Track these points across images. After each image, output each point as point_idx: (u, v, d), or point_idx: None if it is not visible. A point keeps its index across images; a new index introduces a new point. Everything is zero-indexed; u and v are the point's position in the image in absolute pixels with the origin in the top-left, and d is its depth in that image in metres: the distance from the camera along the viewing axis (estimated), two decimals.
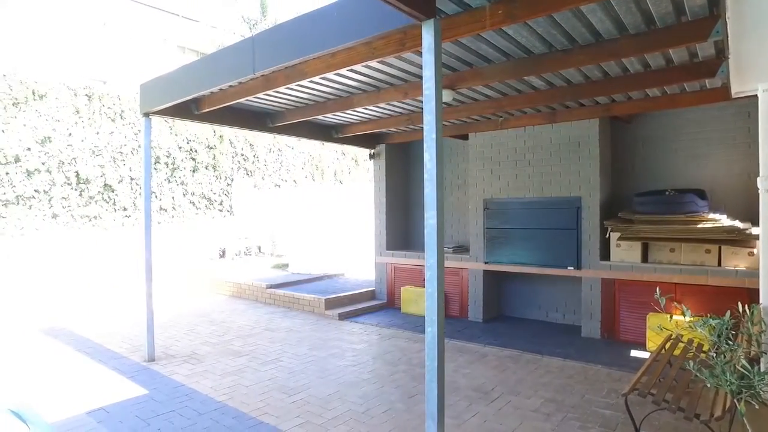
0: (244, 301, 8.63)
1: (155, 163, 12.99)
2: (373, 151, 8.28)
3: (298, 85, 4.62)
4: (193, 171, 14.01)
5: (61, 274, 10.43)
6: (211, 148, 14.41)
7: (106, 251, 11.98)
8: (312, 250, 9.78)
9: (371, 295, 8.19)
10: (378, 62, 3.95)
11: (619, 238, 5.65)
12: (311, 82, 4.53)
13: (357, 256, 10.49)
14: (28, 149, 11.09)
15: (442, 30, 2.58)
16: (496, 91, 5.09)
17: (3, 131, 10.79)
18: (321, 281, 9.15)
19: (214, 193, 14.48)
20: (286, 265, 10.63)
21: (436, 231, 2.51)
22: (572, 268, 6.02)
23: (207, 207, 14.32)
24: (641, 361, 4.91)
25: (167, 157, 13.25)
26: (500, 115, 6.24)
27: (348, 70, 4.13)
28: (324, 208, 12.35)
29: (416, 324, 6.80)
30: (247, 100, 5.09)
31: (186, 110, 5.18)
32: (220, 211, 14.59)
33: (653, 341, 5.22)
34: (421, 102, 5.45)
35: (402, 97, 4.89)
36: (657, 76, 4.30)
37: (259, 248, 13.01)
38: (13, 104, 11.02)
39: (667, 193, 5.55)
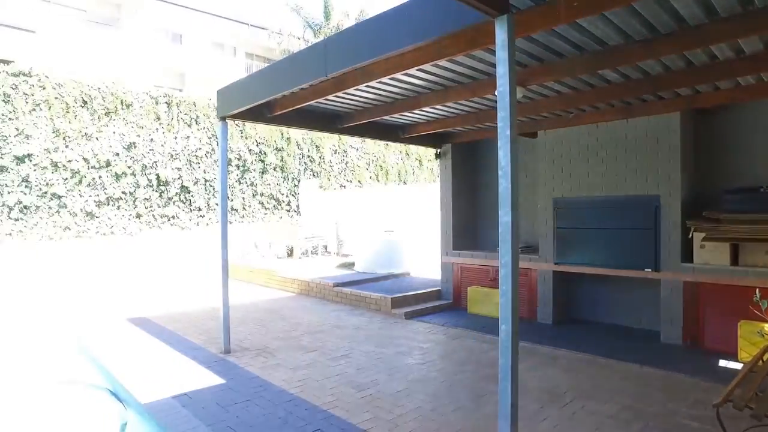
0: (312, 299, 8.86)
1: (229, 165, 13.62)
2: (439, 150, 8.26)
3: (367, 86, 4.69)
4: (262, 173, 14.57)
5: (144, 268, 11.18)
6: (279, 150, 14.92)
7: (182, 248, 12.71)
8: (377, 250, 9.89)
9: (437, 294, 8.17)
10: (447, 61, 3.94)
11: (704, 239, 5.30)
12: (380, 82, 4.59)
13: (422, 256, 10.50)
14: (117, 154, 11.97)
15: (515, 25, 2.54)
16: (567, 86, 4.94)
17: (97, 138, 11.71)
18: (387, 280, 9.23)
19: (282, 194, 14.99)
20: (352, 264, 10.81)
21: (510, 229, 2.48)
22: (650, 270, 5.71)
23: (275, 207, 14.84)
24: (732, 371, 4.58)
25: (238, 159, 13.86)
26: (571, 112, 6.04)
27: (417, 70, 4.15)
28: (388, 208, 12.46)
29: (483, 324, 6.71)
30: (317, 102, 5.23)
31: (259, 113, 5.40)
32: (288, 211, 15.07)
33: (746, 351, 4.84)
34: (489, 100, 5.40)
35: (470, 95, 4.85)
36: (752, 63, 3.97)
37: (325, 247, 13.31)
38: (105, 114, 11.95)
39: (762, 189, 5.14)
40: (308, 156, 15.63)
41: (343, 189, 16.13)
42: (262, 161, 14.56)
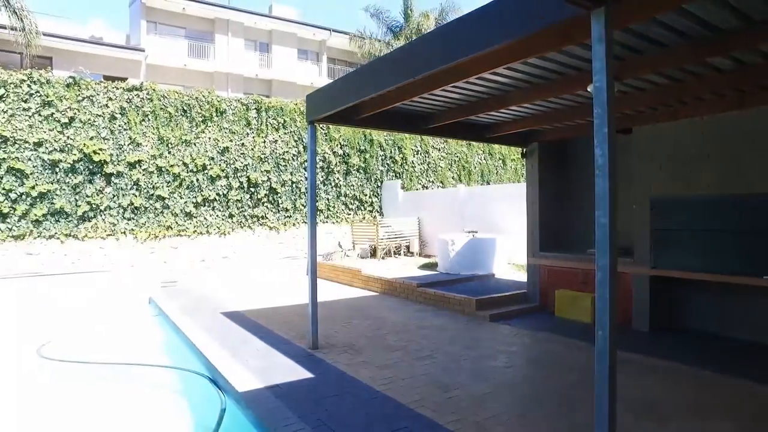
0: (395, 299, 8.96)
1: None
2: (525, 149, 8.04)
3: (453, 86, 4.68)
4: (346, 174, 14.95)
5: (235, 265, 11.87)
6: (363, 152, 15.23)
7: (270, 247, 13.36)
8: (460, 251, 9.80)
9: (523, 297, 7.95)
10: (536, 57, 3.83)
11: None
12: (466, 82, 4.55)
13: (506, 258, 10.27)
14: (212, 159, 12.82)
15: (612, 17, 2.42)
16: (667, 77, 4.61)
17: (195, 144, 12.63)
18: (471, 282, 9.13)
19: (365, 195, 15.29)
20: (435, 265, 10.80)
21: (608, 231, 2.37)
22: None
23: (358, 208, 15.17)
24: None
25: (323, 161, 14.33)
26: (671, 105, 5.62)
27: (505, 68, 4.07)
28: (471, 208, 12.30)
29: (572, 329, 6.44)
30: (403, 104, 5.28)
31: (346, 116, 5.54)
32: (371, 212, 15.35)
33: None
34: (580, 96, 5.17)
35: (559, 92, 4.69)
36: None
37: (407, 248, 13.40)
38: (202, 121, 12.85)
39: None
40: (391, 157, 15.83)
41: (426, 189, 16.15)
42: (346, 163, 14.96)
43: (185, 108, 12.70)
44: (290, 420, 3.75)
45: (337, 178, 14.79)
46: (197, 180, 12.66)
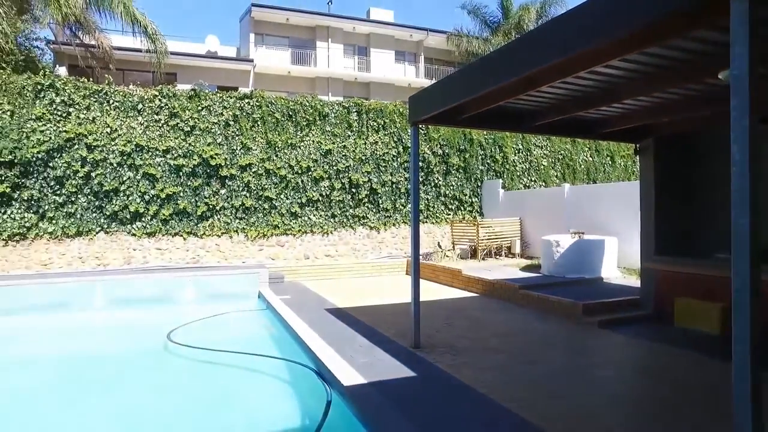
0: (496, 300, 8.77)
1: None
2: (638, 145, 7.48)
3: (562, 82, 4.47)
4: (446, 174, 14.90)
5: (337, 263, 12.29)
6: (462, 151, 15.09)
7: (371, 246, 13.67)
8: (565, 253, 9.36)
9: (635, 303, 7.40)
10: (656, 46, 3.55)
11: None
12: (575, 77, 4.33)
13: (617, 261, 9.63)
14: (315, 161, 13.40)
15: None
16: None
17: (299, 147, 13.29)
18: (577, 285, 8.68)
19: (465, 195, 15.13)
20: (538, 267, 10.41)
21: (748, 233, 2.14)
22: None
23: (458, 208, 15.04)
24: None
25: (422, 161, 14.39)
26: None
27: (620, 60, 3.82)
28: (577, 208, 11.71)
29: (695, 341, 5.88)
30: (507, 102, 5.15)
31: (449, 117, 5.52)
32: (470, 212, 15.15)
33: None
34: (708, 85, 4.71)
35: (681, 82, 4.31)
36: None
37: (509, 249, 13.06)
38: (306, 125, 13.48)
39: None
40: (491, 156, 15.52)
41: (527, 189, 15.63)
42: (446, 163, 14.91)
43: (290, 113, 13.40)
44: (394, 417, 3.81)
45: (437, 178, 14.79)
46: (302, 181, 13.31)
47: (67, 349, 7.55)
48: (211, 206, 12.57)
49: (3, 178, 11.03)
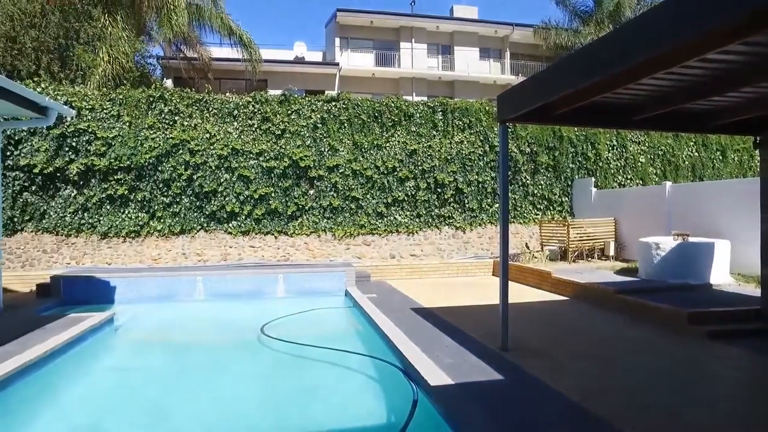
0: (588, 305, 8.33)
1: (498, 167, 13.93)
2: (759, 138, 6.75)
3: (666, 73, 4.14)
4: (534, 173, 14.42)
5: (424, 263, 12.28)
6: (551, 149, 14.52)
7: (457, 246, 13.55)
8: (667, 256, 8.69)
9: (754, 314, 6.67)
10: None
11: None
12: (683, 66, 3.99)
13: (729, 266, 8.78)
14: (401, 161, 13.51)
15: None
16: None
17: (385, 148, 13.47)
18: (680, 291, 8.00)
19: (554, 194, 14.55)
20: (635, 270, 9.76)
21: None
22: None
23: (547, 208, 14.50)
24: None
25: (510, 160, 14.00)
26: None
27: (739, 43, 3.44)
28: (680, 208, 10.86)
29: None
30: (604, 96, 4.87)
31: (540, 114, 5.31)
32: (560, 211, 14.54)
33: None
34: None
35: None
36: None
37: (602, 251, 12.36)
38: (391, 125, 13.64)
39: None
40: (582, 154, 14.78)
41: (622, 188, 14.71)
42: (534, 161, 14.42)
43: (376, 114, 13.61)
44: (480, 419, 3.74)
45: (525, 177, 14.34)
46: (387, 182, 13.47)
47: (174, 337, 8.22)
48: (300, 206, 13.09)
49: (122, 181, 12.24)
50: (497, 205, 14.08)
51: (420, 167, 13.64)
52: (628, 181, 15.04)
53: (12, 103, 6.44)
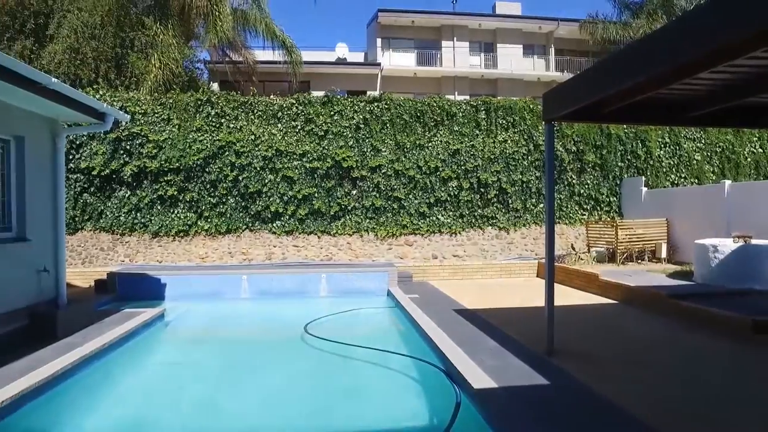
0: (638, 309, 8.01)
1: (543, 166, 13.60)
2: None
3: (730, 65, 3.90)
4: (580, 172, 14.01)
5: (467, 264, 12.14)
6: (599, 147, 14.07)
7: (500, 247, 13.33)
8: (726, 260, 8.25)
9: None
10: None
11: None
12: (749, 57, 3.75)
13: None
14: (443, 161, 13.41)
15: None
16: None
17: (427, 148, 13.41)
18: (743, 297, 7.53)
19: (601, 194, 14.09)
20: (689, 274, 9.32)
21: None
22: None
23: (593, 208, 14.06)
24: None
25: (555, 159, 13.63)
26: None
27: None
28: (741, 208, 10.30)
29: None
30: (658, 92, 4.66)
31: (588, 113, 5.14)
32: (608, 212, 14.08)
33: None
34: None
35: None
36: None
37: (653, 253, 11.88)
38: (434, 125, 13.57)
39: None
40: (632, 152, 14.25)
41: (675, 187, 14.09)
42: (580, 160, 14.00)
43: (418, 114, 13.56)
44: (525, 425, 3.66)
45: (570, 177, 13.95)
46: (430, 182, 13.40)
47: (220, 333, 8.45)
48: (343, 206, 13.19)
49: (171, 182, 12.69)
50: (542, 205, 13.77)
51: (463, 167, 13.49)
52: (682, 180, 14.39)
53: (75, 110, 6.86)
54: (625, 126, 13.94)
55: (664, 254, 11.73)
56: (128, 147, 12.68)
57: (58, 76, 14.03)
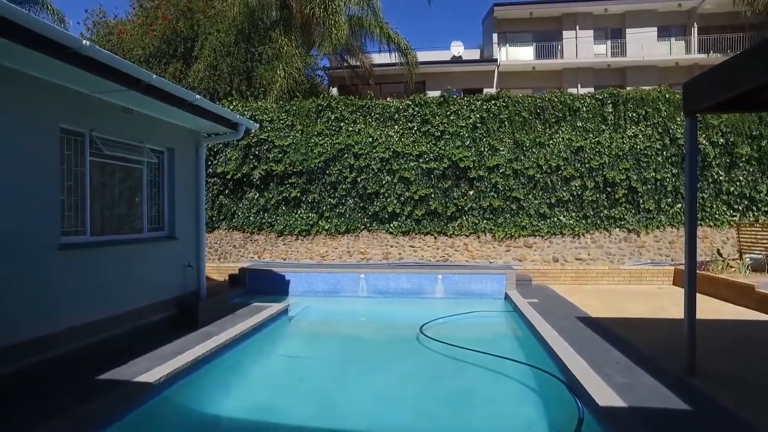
0: None
1: (681, 162, 12.27)
2: None
3: None
4: (729, 167, 12.38)
5: (591, 268, 11.34)
6: (754, 138, 12.30)
7: (629, 251, 12.28)
8: None
9: None
10: None
11: None
12: None
13: None
14: (565, 159, 12.65)
15: None
16: None
17: (548, 145, 12.77)
18: None
19: (758, 192, 12.30)
20: None
21: None
22: None
23: (747, 208, 12.33)
24: None
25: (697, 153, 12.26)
26: None
27: None
28: None
29: None
30: None
31: (742, 101, 4.46)
32: (766, 213, 12.26)
33: None
34: None
35: None
36: None
37: None
38: (555, 122, 12.87)
39: None
40: None
41: None
42: (730, 154, 12.35)
43: (538, 111, 12.94)
44: None
45: (716, 173, 12.36)
46: (551, 181, 12.72)
47: (339, 329, 8.83)
48: (459, 207, 13.04)
49: (295, 185, 13.52)
50: (679, 205, 12.40)
51: (587, 165, 12.61)
52: None
53: (213, 122, 7.71)
54: None
55: None
56: (257, 152, 13.74)
57: (200, 92, 15.66)
